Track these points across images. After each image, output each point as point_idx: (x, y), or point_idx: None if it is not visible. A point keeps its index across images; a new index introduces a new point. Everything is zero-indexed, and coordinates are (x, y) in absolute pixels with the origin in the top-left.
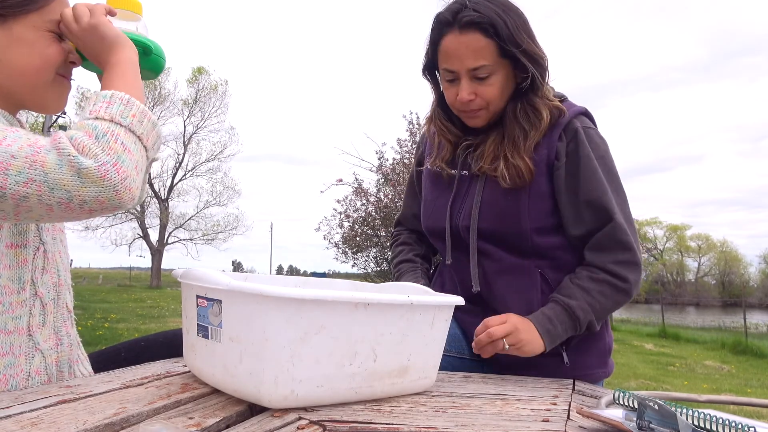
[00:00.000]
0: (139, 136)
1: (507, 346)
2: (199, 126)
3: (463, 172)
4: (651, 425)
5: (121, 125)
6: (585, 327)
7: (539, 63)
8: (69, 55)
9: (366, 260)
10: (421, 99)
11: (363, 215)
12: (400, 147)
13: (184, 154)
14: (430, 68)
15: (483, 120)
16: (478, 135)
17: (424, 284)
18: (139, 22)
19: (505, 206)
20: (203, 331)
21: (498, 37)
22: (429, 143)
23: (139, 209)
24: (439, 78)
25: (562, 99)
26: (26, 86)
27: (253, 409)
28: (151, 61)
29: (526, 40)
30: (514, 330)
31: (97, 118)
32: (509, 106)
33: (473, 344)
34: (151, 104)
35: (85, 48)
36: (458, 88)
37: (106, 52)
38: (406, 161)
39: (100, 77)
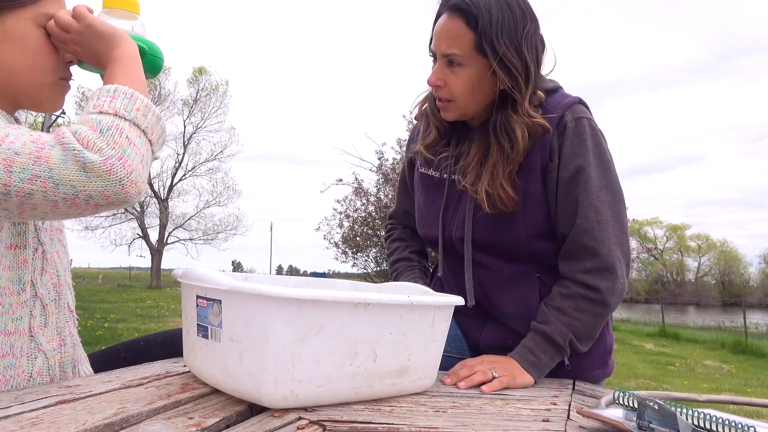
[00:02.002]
0: (143, 130)
1: (496, 375)
2: (199, 126)
3: (453, 177)
4: (651, 425)
5: (125, 119)
6: (569, 349)
7: (512, 74)
8: (65, 54)
9: (366, 260)
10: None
11: (363, 215)
12: (400, 147)
13: (183, 154)
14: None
15: (452, 114)
16: (464, 134)
17: (423, 284)
18: (136, 21)
19: (499, 216)
20: (203, 331)
21: (477, 30)
22: (419, 131)
23: (138, 209)
24: None
25: (556, 89)
26: (20, 84)
27: (253, 409)
28: (147, 62)
29: (504, 44)
30: (495, 364)
31: (101, 112)
32: (491, 118)
33: (446, 377)
34: None
35: (83, 50)
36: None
37: (105, 50)
38: None
39: (103, 77)
